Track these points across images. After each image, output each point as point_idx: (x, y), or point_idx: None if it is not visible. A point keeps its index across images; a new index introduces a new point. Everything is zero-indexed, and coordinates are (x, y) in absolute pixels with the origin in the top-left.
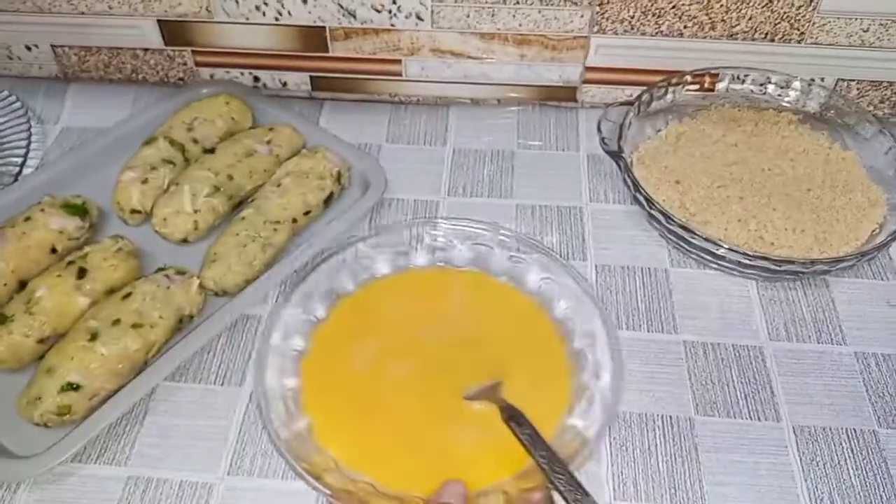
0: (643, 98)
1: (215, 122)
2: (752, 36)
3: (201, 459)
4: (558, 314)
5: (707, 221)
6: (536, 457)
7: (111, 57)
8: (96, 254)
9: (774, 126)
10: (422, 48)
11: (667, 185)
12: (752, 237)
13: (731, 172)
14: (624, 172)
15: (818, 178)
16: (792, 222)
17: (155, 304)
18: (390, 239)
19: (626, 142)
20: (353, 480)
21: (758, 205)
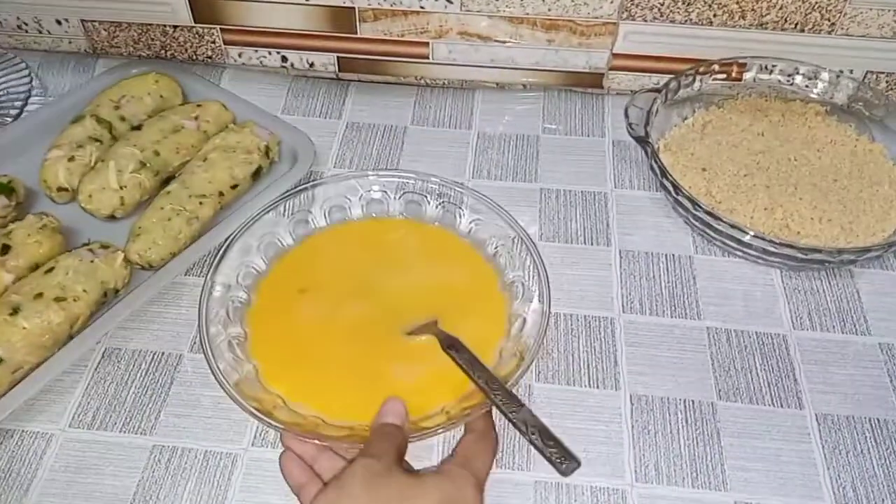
0: (670, 86)
1: (143, 100)
2: (781, 26)
3: (227, 430)
4: (490, 252)
5: (733, 209)
6: (475, 378)
7: (140, 33)
8: (20, 230)
9: (801, 117)
10: (450, 31)
11: (693, 172)
12: (778, 225)
13: (758, 161)
14: (651, 158)
15: (845, 170)
16: (818, 212)
17: (78, 278)
18: (326, 192)
19: (652, 128)
20: (302, 415)
21: (784, 194)
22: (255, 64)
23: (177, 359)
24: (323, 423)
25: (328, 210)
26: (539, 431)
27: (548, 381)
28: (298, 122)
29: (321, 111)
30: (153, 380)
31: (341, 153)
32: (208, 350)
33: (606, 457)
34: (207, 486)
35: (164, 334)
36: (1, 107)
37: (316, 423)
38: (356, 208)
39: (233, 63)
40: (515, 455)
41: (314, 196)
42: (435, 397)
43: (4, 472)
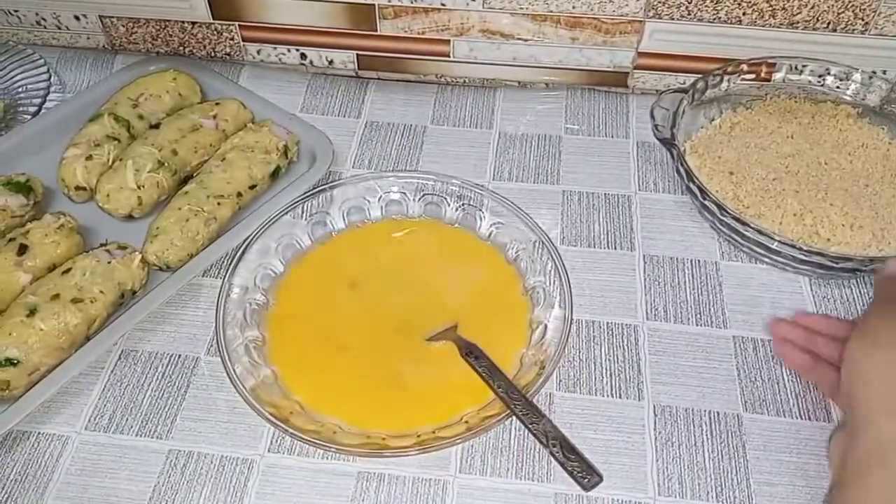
0: (697, 86)
1: (162, 98)
2: (813, 25)
3: (243, 435)
4: (511, 256)
5: (761, 214)
6: (494, 387)
7: (159, 29)
8: (37, 230)
9: (832, 119)
10: (471, 29)
11: (720, 176)
12: (808, 232)
13: (787, 165)
14: (677, 161)
15: (877, 174)
16: (849, 218)
17: (95, 279)
18: (345, 193)
19: (679, 130)
20: (320, 422)
21: (814, 199)
22: (274, 61)
23: (193, 361)
24: (340, 431)
25: (347, 211)
26: (560, 443)
27: (569, 390)
28: (317, 120)
29: (340, 110)
30: (169, 382)
31: (360, 153)
32: (225, 353)
33: (629, 469)
34: (223, 492)
35: (180, 336)
36: (20, 103)
37: (333, 431)
38: (375, 210)
39: (251, 60)
40: (535, 466)
41: (332, 197)
42: (454, 405)
43: (21, 474)
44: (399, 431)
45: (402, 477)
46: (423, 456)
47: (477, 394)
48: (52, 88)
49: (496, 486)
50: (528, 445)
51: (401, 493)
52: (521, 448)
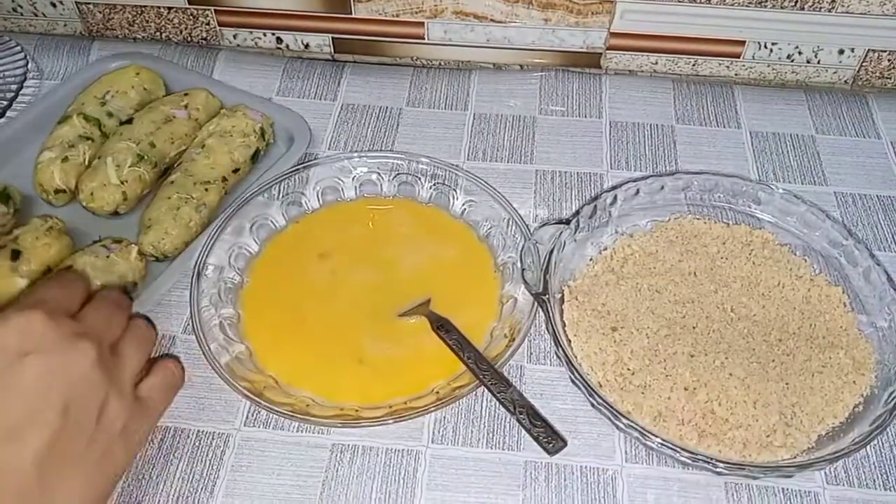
0: (582, 213)
1: (128, 94)
2: (781, 4)
3: (219, 410)
4: (483, 233)
5: (647, 385)
6: (464, 358)
7: (135, 15)
8: (27, 234)
9: (746, 247)
10: (445, 10)
11: (601, 334)
12: (701, 411)
13: (684, 315)
14: (547, 318)
15: (793, 325)
16: (752, 393)
17: (97, 274)
18: (318, 173)
19: (555, 272)
20: (293, 396)
21: (711, 366)
22: (250, 45)
23: (170, 340)
24: (314, 404)
25: (321, 191)
26: (527, 411)
27: (539, 363)
28: (293, 103)
29: (316, 93)
30: None
31: (336, 135)
32: (200, 331)
33: (597, 437)
34: (200, 465)
35: (156, 316)
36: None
37: (307, 403)
38: (349, 190)
39: (227, 45)
40: (506, 435)
41: (307, 178)
42: (425, 378)
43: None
44: (372, 404)
45: (375, 448)
46: (396, 427)
47: (447, 367)
48: (28, 75)
49: (468, 455)
50: (498, 415)
51: (374, 463)
52: (491, 418)
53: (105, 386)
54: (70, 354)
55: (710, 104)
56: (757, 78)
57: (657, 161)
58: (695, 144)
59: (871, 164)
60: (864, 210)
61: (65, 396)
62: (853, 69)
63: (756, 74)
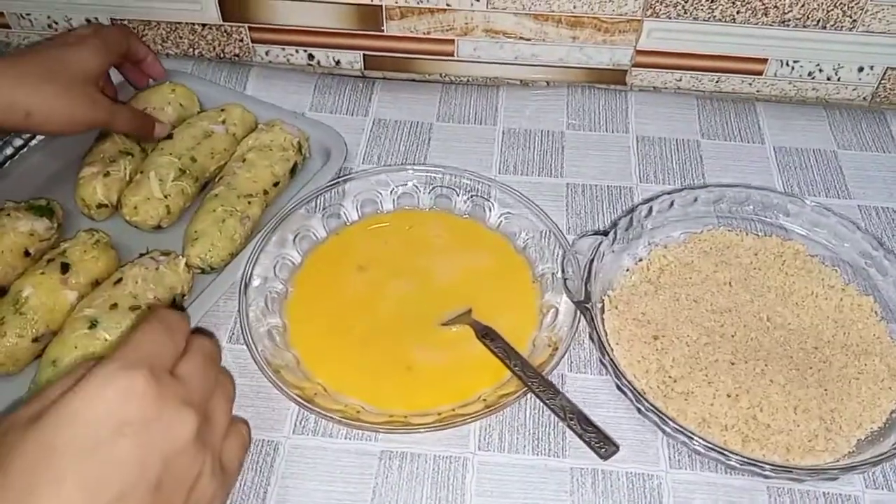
0: (620, 225)
1: (165, 110)
2: (803, 23)
3: (267, 418)
4: (521, 245)
5: (690, 392)
6: (511, 366)
7: (169, 31)
8: (75, 248)
9: (778, 259)
10: (475, 29)
11: (643, 343)
12: (744, 417)
13: (722, 324)
14: (590, 326)
15: (828, 333)
16: (793, 399)
17: (148, 286)
18: (358, 186)
19: (595, 281)
20: (343, 403)
21: (751, 373)
22: (282, 62)
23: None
24: (364, 410)
25: (360, 204)
26: (577, 417)
27: (580, 371)
28: (326, 118)
29: (347, 109)
30: None
31: (369, 150)
32: (249, 339)
33: (640, 444)
34: (250, 472)
35: (204, 326)
36: None
37: (357, 410)
38: (387, 202)
39: (259, 61)
40: (551, 442)
41: (346, 191)
42: (472, 385)
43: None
44: (420, 411)
45: (423, 455)
46: (443, 434)
47: (493, 374)
48: None
49: (514, 461)
50: (543, 422)
51: (423, 469)
52: (536, 425)
53: (201, 459)
54: (173, 427)
55: (733, 120)
56: (778, 95)
57: (685, 175)
58: (721, 159)
59: (892, 178)
60: (889, 223)
61: (161, 471)
62: (872, 86)
63: (777, 91)
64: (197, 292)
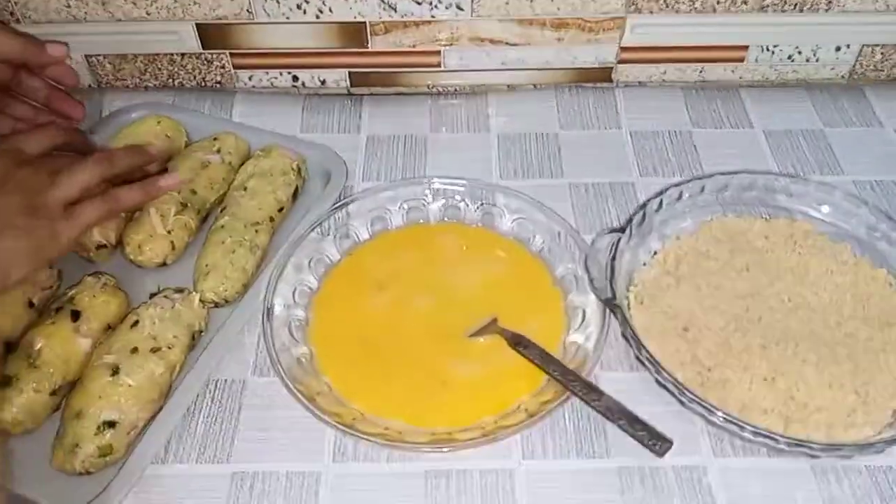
0: (634, 220)
1: (153, 144)
2: (781, 8)
3: (305, 449)
4: (536, 248)
5: (727, 380)
6: (550, 371)
7: (147, 64)
8: (84, 294)
9: (789, 240)
10: (461, 38)
11: (674, 335)
12: (782, 398)
13: (747, 309)
14: (622, 325)
15: (848, 308)
16: (827, 376)
17: (166, 325)
18: (364, 205)
19: (619, 277)
20: (384, 426)
21: (784, 355)
22: (266, 86)
23: (241, 384)
24: (406, 431)
25: (370, 222)
26: (626, 417)
27: (611, 369)
28: (318, 139)
29: (339, 127)
30: (221, 407)
31: (367, 166)
32: (280, 370)
33: (682, 435)
34: None
35: (225, 361)
36: None
37: (399, 431)
38: (396, 218)
39: (243, 87)
40: (594, 443)
41: (354, 210)
42: (510, 394)
43: None
44: (461, 426)
45: (468, 470)
46: (486, 448)
47: (530, 381)
48: None
49: (561, 467)
50: (583, 424)
51: (470, 485)
52: (577, 428)
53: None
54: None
55: (720, 108)
56: (761, 80)
57: (682, 165)
58: (714, 147)
59: (880, 151)
60: (885, 195)
61: None
62: (850, 64)
63: (760, 76)
64: (214, 327)
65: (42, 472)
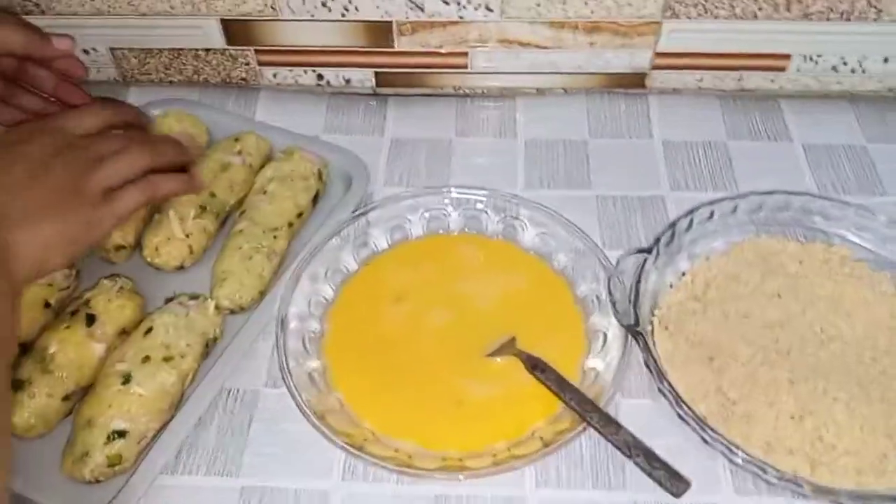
0: (662, 239)
1: (196, 141)
2: (827, 16)
3: (316, 466)
4: (559, 265)
5: (751, 415)
6: (566, 399)
7: (172, 59)
8: (99, 297)
9: (824, 265)
10: (489, 39)
11: (699, 364)
12: (809, 439)
13: (776, 338)
14: (644, 352)
15: (882, 342)
16: (857, 417)
17: (180, 334)
18: (384, 213)
19: (643, 300)
20: (394, 447)
21: (813, 392)
22: (290, 83)
23: (254, 395)
24: (416, 454)
25: (389, 231)
26: (643, 453)
27: (632, 396)
28: (341, 140)
29: (362, 129)
30: (232, 418)
31: (390, 170)
32: (291, 384)
33: (703, 472)
34: None
35: (237, 370)
36: None
37: (409, 455)
38: (416, 227)
39: (267, 84)
40: (610, 475)
41: (374, 218)
42: (525, 418)
43: None
44: (473, 451)
45: (479, 496)
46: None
47: (546, 406)
48: None
49: (575, 497)
50: (600, 454)
51: None
52: (593, 457)
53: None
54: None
55: (758, 119)
56: (802, 90)
57: (715, 179)
58: (750, 160)
59: None
60: None
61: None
62: None
63: (801, 87)
64: (228, 334)
65: (52, 478)
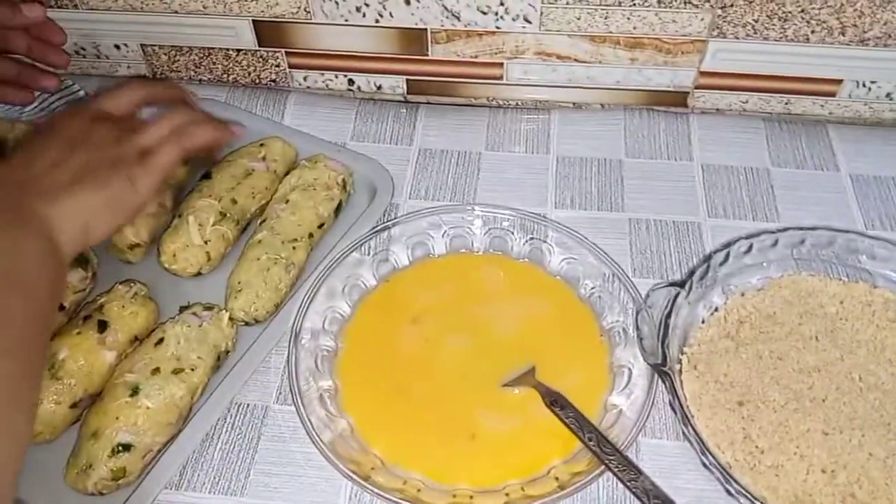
0: (696, 274)
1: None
2: (884, 42)
3: (321, 490)
4: (585, 293)
5: (780, 466)
6: (584, 439)
7: (202, 57)
8: (113, 303)
9: (867, 308)
10: (526, 51)
11: (727, 410)
12: (841, 495)
13: (811, 386)
14: (670, 393)
15: None
16: (895, 475)
17: (191, 346)
18: (407, 229)
19: (673, 336)
20: (402, 478)
21: (848, 446)
22: (321, 87)
23: (263, 410)
24: (425, 488)
25: (411, 247)
26: (662, 502)
27: (655, 436)
28: (368, 148)
29: (391, 137)
30: (240, 434)
31: (416, 182)
32: (300, 404)
33: None
34: None
35: (248, 385)
36: None
37: (417, 488)
38: (439, 245)
39: (297, 87)
40: None
41: (396, 233)
42: (541, 456)
43: None
44: (485, 487)
45: None
46: None
47: (564, 443)
48: None
49: None
50: (617, 498)
51: None
52: (610, 499)
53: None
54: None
55: (804, 145)
56: (852, 116)
57: (755, 208)
58: (793, 189)
59: None
60: None
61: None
62: None
63: (851, 113)
64: (241, 347)
65: (54, 486)
